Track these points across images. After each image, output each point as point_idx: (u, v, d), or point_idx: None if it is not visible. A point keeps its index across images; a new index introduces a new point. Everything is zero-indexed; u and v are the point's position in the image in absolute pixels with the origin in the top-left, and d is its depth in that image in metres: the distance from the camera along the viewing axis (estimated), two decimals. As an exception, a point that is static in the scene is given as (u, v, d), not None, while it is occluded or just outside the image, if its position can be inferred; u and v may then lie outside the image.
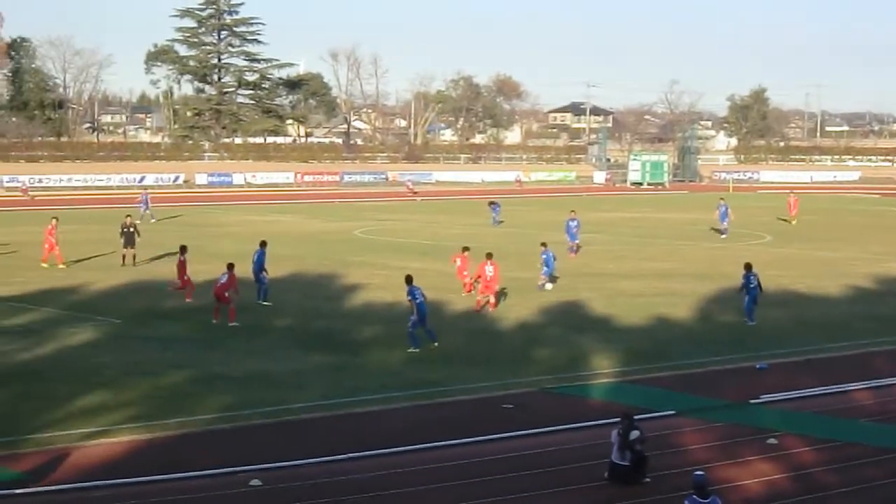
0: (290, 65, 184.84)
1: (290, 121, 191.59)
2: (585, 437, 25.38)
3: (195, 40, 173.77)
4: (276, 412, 27.29)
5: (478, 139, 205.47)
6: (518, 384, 30.66)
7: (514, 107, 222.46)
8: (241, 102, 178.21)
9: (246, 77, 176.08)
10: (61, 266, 52.02)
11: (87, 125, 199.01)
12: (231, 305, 39.32)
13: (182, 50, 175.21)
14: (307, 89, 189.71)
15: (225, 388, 29.59)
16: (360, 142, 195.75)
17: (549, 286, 47.71)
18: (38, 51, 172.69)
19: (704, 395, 29.98)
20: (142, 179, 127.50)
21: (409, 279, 36.16)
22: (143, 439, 24.99)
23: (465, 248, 47.71)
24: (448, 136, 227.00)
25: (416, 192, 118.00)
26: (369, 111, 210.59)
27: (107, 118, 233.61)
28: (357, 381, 30.67)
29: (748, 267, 40.38)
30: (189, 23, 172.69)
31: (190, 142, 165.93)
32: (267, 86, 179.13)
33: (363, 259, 56.52)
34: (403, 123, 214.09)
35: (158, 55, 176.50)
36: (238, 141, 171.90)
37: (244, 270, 43.18)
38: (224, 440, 25.16)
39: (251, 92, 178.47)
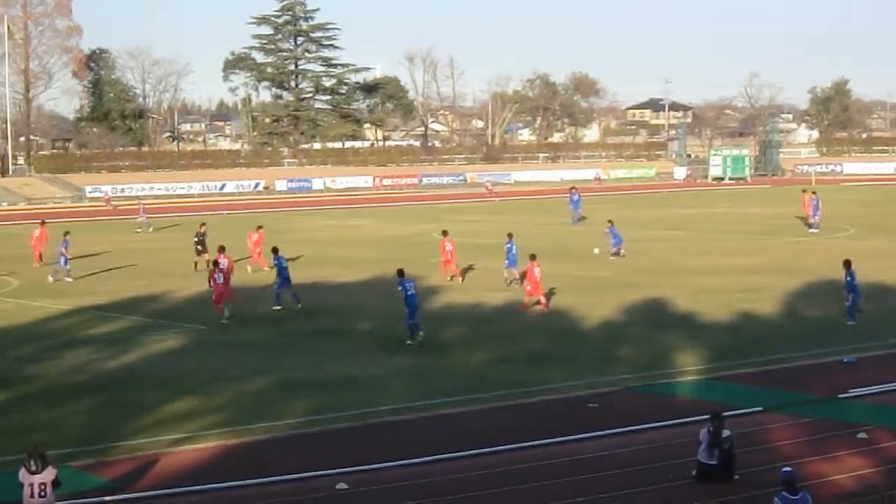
0: (367, 69, 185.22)
1: (367, 125, 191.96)
2: (671, 436, 25.17)
3: (272, 47, 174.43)
4: (360, 415, 27.35)
5: (556, 138, 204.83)
6: (602, 383, 30.52)
7: (592, 104, 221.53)
8: (319, 108, 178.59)
9: (323, 82, 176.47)
10: (264, 268, 53.35)
11: (168, 134, 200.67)
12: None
13: (259, 57, 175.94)
14: (384, 93, 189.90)
15: (309, 392, 29.70)
16: (437, 144, 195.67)
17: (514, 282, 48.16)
18: (117, 62, 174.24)
19: (791, 391, 29.69)
20: (222, 187, 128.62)
21: (400, 272, 37.42)
22: (230, 444, 25.14)
23: (445, 232, 51.79)
24: (526, 135, 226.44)
25: (494, 193, 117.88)
26: (446, 113, 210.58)
27: (186, 127, 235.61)
28: (440, 383, 30.66)
29: (848, 264, 39.20)
30: (266, 30, 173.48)
31: (269, 148, 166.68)
32: (344, 90, 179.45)
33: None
34: (481, 124, 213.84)
35: (236, 63, 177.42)
36: (317, 146, 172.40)
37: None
38: (309, 444, 25.24)
39: (329, 97, 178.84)
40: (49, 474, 18.45)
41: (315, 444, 25.18)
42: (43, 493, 18.38)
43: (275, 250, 45.26)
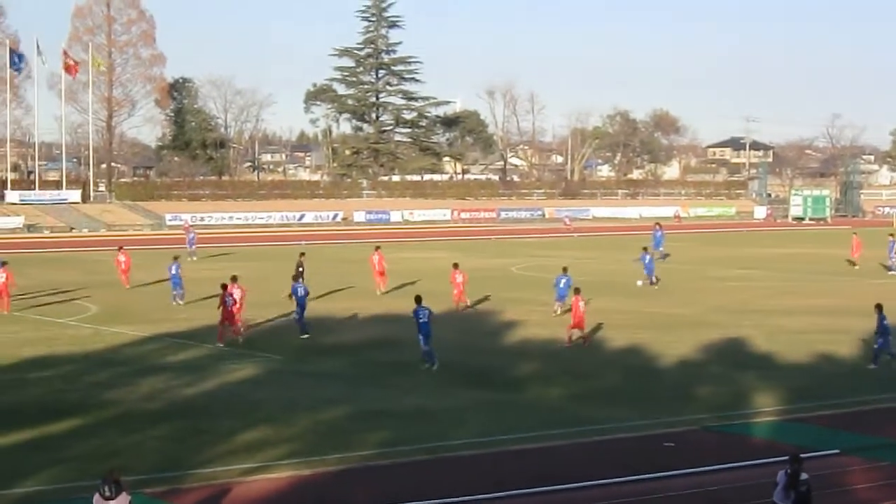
0: (447, 102, 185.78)
1: (446, 158, 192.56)
2: (747, 476, 24.90)
3: (354, 79, 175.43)
4: (435, 448, 27.27)
5: (635, 174, 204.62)
6: (679, 422, 30.26)
7: (672, 142, 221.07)
8: (399, 140, 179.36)
9: (404, 115, 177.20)
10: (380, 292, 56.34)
11: (248, 164, 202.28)
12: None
13: (341, 89, 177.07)
14: (464, 127, 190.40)
15: (383, 424, 29.67)
16: (516, 178, 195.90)
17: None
18: (200, 91, 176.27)
19: (870, 434, 29.28)
20: (301, 217, 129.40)
21: (417, 300, 38.60)
22: (304, 475, 25.13)
23: (455, 265, 54.04)
24: (605, 171, 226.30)
25: (573, 228, 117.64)
26: (526, 147, 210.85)
27: (267, 157, 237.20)
28: (516, 418, 30.53)
29: (879, 308, 38.86)
30: (348, 62, 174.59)
31: (348, 180, 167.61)
32: (424, 124, 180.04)
33: (520, 295, 56.41)
34: (560, 159, 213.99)
35: (318, 94, 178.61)
36: (395, 178, 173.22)
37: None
38: (383, 476, 25.18)
39: (409, 130, 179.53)
40: (123, 500, 18.47)
41: (389, 477, 25.12)
42: (116, 519, 18.41)
43: (295, 277, 46.76)
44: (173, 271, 54.65)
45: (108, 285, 60.45)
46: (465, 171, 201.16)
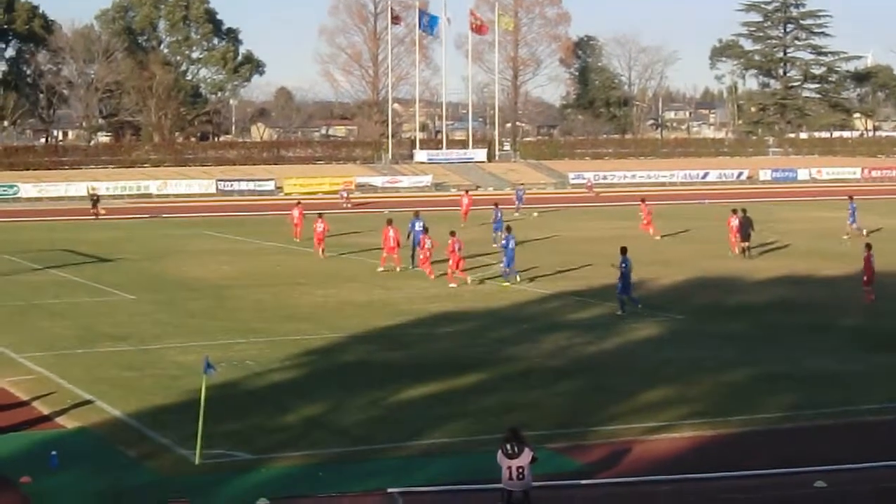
0: (858, 57, 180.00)
1: (857, 114, 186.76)
2: None
3: (760, 34, 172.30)
4: (840, 413, 26.48)
5: None
6: None
7: None
8: (807, 97, 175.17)
9: (812, 71, 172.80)
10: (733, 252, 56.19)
11: (651, 122, 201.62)
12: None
13: (747, 44, 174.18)
14: (876, 82, 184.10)
15: (788, 387, 29.01)
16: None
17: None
18: (604, 49, 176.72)
19: None
20: (705, 176, 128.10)
21: (623, 250, 40.26)
22: (706, 436, 24.91)
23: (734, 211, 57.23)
24: None
25: None
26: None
27: (670, 114, 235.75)
28: (928, 384, 29.30)
29: None
30: (755, 17, 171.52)
31: (754, 137, 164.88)
32: (833, 79, 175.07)
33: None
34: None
35: (723, 50, 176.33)
36: (803, 136, 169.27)
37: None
38: (787, 440, 24.66)
39: (817, 86, 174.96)
40: (526, 457, 18.74)
41: (793, 440, 24.58)
42: (521, 476, 18.72)
43: (623, 250, 41.01)
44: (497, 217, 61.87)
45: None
46: (876, 128, 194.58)
